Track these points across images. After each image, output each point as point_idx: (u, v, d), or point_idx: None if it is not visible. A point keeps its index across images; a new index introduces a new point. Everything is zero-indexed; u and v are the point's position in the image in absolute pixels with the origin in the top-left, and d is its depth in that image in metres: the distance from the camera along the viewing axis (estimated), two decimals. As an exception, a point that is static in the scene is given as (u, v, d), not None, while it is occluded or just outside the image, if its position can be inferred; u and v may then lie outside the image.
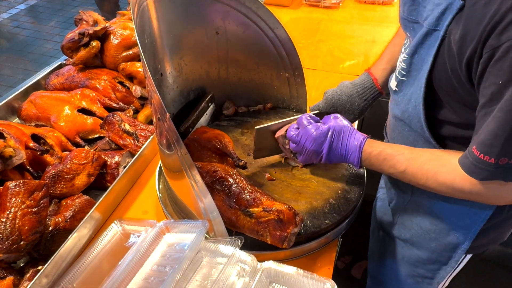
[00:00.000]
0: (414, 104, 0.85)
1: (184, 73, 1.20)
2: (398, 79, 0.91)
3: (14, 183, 0.90)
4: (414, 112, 0.86)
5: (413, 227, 1.07)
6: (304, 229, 0.94)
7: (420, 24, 0.80)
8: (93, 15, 1.59)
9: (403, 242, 1.12)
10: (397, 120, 0.96)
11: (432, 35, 0.76)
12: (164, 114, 0.80)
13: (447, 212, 0.98)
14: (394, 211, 1.13)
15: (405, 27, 0.87)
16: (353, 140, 0.91)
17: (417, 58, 0.82)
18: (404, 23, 0.87)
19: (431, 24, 0.75)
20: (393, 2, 2.30)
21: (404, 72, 0.87)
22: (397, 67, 0.92)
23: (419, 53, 0.81)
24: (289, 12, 2.23)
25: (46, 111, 1.34)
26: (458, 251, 1.01)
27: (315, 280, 0.82)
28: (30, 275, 0.89)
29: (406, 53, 0.85)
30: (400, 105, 0.91)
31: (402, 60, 0.88)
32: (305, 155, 0.97)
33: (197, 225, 0.86)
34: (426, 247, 1.06)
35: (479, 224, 0.95)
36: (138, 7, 0.89)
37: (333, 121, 0.95)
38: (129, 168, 1.14)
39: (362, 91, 1.10)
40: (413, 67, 0.84)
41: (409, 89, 0.87)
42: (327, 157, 0.94)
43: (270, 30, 1.16)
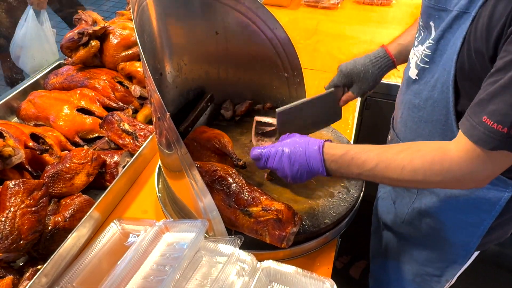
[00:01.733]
0: (440, 89, 0.84)
1: (184, 73, 1.20)
2: (419, 67, 0.90)
3: (14, 183, 0.90)
4: (441, 97, 0.85)
5: (421, 226, 1.06)
6: (303, 228, 0.94)
7: (448, 11, 0.80)
8: (92, 14, 1.59)
9: (411, 241, 1.12)
10: (414, 111, 0.94)
11: (462, 18, 0.76)
12: (164, 113, 0.80)
13: (456, 211, 0.97)
14: (400, 210, 1.12)
15: (429, 16, 0.86)
16: (311, 146, 0.84)
17: (443, 43, 0.82)
18: (429, 11, 0.86)
19: (462, 7, 0.75)
20: (392, 3, 2.31)
21: (428, 59, 0.87)
22: (416, 57, 0.91)
23: (446, 37, 0.80)
24: (288, 12, 2.24)
25: (45, 111, 1.34)
26: (467, 249, 1.02)
27: (314, 280, 0.82)
28: (30, 275, 0.89)
29: (431, 39, 0.84)
30: (422, 93, 0.90)
31: (425, 48, 0.87)
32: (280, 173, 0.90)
33: (197, 225, 0.86)
34: (435, 245, 1.06)
35: (488, 222, 0.95)
36: (138, 7, 0.89)
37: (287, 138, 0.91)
38: (129, 168, 1.14)
39: (376, 60, 1.10)
40: (438, 53, 0.84)
41: (433, 75, 0.86)
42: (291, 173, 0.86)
43: (270, 30, 1.17)
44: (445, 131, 0.88)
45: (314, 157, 0.83)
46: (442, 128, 0.89)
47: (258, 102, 1.34)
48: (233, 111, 1.31)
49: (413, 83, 0.93)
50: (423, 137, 0.94)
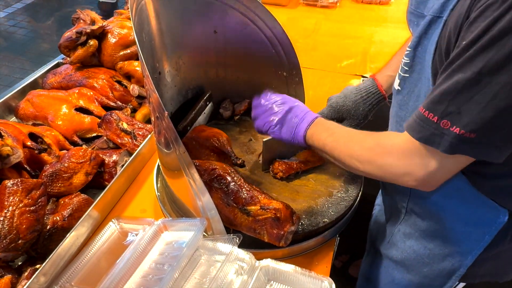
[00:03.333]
0: (423, 99, 0.77)
1: (182, 72, 1.20)
2: (400, 77, 0.86)
3: (12, 182, 0.90)
4: None
5: (405, 249, 1.00)
6: (301, 227, 0.94)
7: (424, 16, 0.77)
8: (90, 14, 1.59)
9: (394, 264, 1.06)
10: (401, 124, 0.87)
11: (435, 23, 0.72)
12: (162, 112, 0.80)
13: (443, 236, 0.91)
14: (388, 230, 1.07)
15: (410, 22, 0.84)
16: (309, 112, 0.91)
17: (420, 50, 0.78)
18: (410, 17, 0.84)
19: (436, 11, 0.72)
20: (390, 2, 2.31)
21: (407, 68, 0.82)
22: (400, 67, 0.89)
23: (423, 44, 0.77)
24: (287, 11, 2.24)
25: (43, 110, 1.33)
26: (452, 278, 0.95)
27: (313, 278, 0.82)
28: (28, 274, 0.89)
29: (409, 46, 0.80)
30: (408, 105, 0.85)
31: (404, 56, 0.83)
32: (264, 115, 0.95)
33: (195, 223, 0.86)
34: (418, 271, 0.99)
35: (478, 250, 0.88)
36: (137, 6, 0.89)
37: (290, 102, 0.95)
38: (127, 167, 1.14)
39: (367, 96, 1.08)
40: (417, 60, 0.80)
41: (416, 85, 0.82)
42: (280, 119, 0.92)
43: (268, 29, 1.16)
44: None
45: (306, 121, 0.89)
46: None
47: (257, 101, 1.34)
48: (232, 110, 1.31)
49: (397, 94, 0.89)
50: None
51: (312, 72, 1.69)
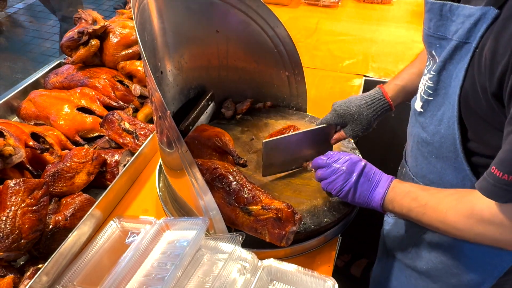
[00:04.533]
0: (447, 124, 0.78)
1: (184, 71, 1.20)
2: (423, 99, 0.84)
3: (14, 182, 0.90)
4: (448, 133, 0.79)
5: (431, 259, 0.98)
6: (304, 227, 0.94)
7: (448, 40, 0.75)
8: (92, 13, 1.59)
9: (417, 274, 1.03)
10: (423, 146, 0.88)
11: (462, 49, 0.71)
12: (164, 112, 0.80)
13: (471, 249, 0.89)
14: (409, 239, 1.04)
15: (430, 45, 0.81)
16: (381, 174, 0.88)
17: (445, 75, 0.77)
18: (429, 40, 0.81)
19: (461, 36, 0.71)
20: (392, 1, 2.31)
21: (431, 91, 0.81)
22: (421, 88, 0.87)
23: (447, 69, 0.76)
24: (288, 11, 2.24)
25: (45, 110, 1.33)
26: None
27: (315, 278, 0.82)
28: (31, 274, 0.89)
29: (433, 70, 0.79)
30: (429, 127, 0.84)
31: (428, 79, 0.82)
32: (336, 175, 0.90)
33: (197, 222, 0.86)
34: (445, 281, 0.97)
35: (507, 264, 0.88)
36: (139, 5, 0.88)
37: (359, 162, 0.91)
38: (129, 167, 1.14)
39: (371, 102, 1.06)
40: (441, 85, 0.78)
41: (439, 109, 0.80)
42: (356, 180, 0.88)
43: (270, 29, 1.16)
44: (457, 168, 0.82)
45: (381, 186, 0.86)
46: (454, 165, 0.82)
47: (259, 101, 1.34)
48: (234, 110, 1.31)
49: (419, 116, 0.88)
50: (435, 173, 0.88)
51: (313, 71, 1.69)
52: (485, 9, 0.66)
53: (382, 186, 0.85)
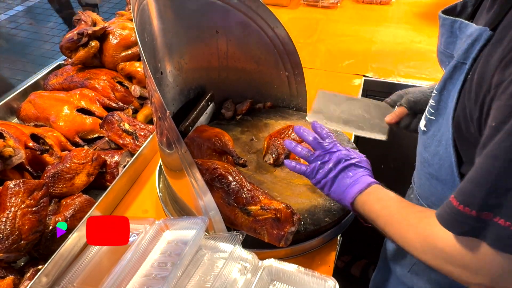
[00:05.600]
0: (445, 146, 0.75)
1: (184, 72, 1.20)
2: (427, 118, 0.81)
3: (14, 183, 0.90)
4: (445, 155, 0.76)
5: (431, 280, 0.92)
6: (304, 227, 0.94)
7: (453, 57, 0.72)
8: (91, 15, 1.59)
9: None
10: (425, 166, 0.85)
11: (460, 69, 0.68)
12: (164, 112, 0.80)
13: None
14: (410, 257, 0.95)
15: (441, 62, 0.78)
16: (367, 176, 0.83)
17: (445, 95, 0.74)
18: (441, 57, 0.78)
19: (460, 56, 0.68)
20: (391, 2, 2.31)
21: (433, 110, 0.78)
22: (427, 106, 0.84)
23: (447, 88, 0.73)
24: (288, 12, 2.24)
25: (45, 111, 1.33)
26: None
27: (316, 278, 0.82)
28: (31, 275, 0.89)
29: (435, 89, 0.76)
30: (430, 147, 0.81)
31: (431, 98, 0.79)
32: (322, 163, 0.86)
33: (197, 222, 0.86)
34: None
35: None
36: (138, 6, 0.89)
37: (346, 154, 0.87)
38: (129, 168, 1.13)
39: None
40: (442, 105, 0.75)
41: (439, 129, 0.77)
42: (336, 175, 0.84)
43: (270, 29, 1.16)
44: None
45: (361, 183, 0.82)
46: (452, 189, 0.77)
47: (259, 101, 1.34)
48: (234, 110, 1.31)
49: (423, 134, 0.84)
50: (436, 196, 0.84)
51: (313, 72, 1.69)
52: (482, 29, 0.64)
53: (359, 187, 0.81)
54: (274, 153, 1.10)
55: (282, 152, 1.11)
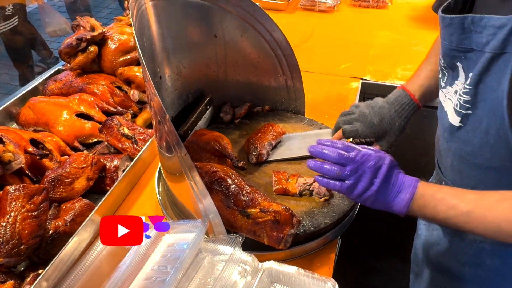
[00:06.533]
0: (496, 135, 0.75)
1: (183, 76, 1.21)
2: (461, 114, 0.80)
3: (14, 187, 0.90)
4: (499, 142, 0.76)
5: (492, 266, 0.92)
6: (303, 228, 0.94)
7: (477, 51, 0.74)
8: (90, 20, 1.60)
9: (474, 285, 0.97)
10: (469, 158, 0.85)
11: (499, 59, 0.70)
12: (164, 116, 0.81)
13: None
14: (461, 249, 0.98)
15: (453, 57, 0.79)
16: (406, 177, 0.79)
17: (482, 88, 0.74)
18: (452, 54, 0.79)
19: (496, 47, 0.70)
20: (387, 6, 2.33)
21: (469, 105, 0.78)
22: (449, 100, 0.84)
23: (485, 81, 0.73)
24: (285, 16, 2.25)
25: (44, 116, 1.34)
26: None
27: (316, 279, 0.82)
28: (31, 279, 0.88)
29: (468, 84, 0.77)
30: (474, 140, 0.80)
31: (461, 93, 0.79)
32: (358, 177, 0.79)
33: (197, 225, 0.86)
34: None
35: None
36: (137, 10, 0.89)
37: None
38: (128, 172, 1.14)
39: (401, 109, 1.01)
40: (479, 97, 0.76)
41: (481, 122, 0.77)
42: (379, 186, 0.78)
43: (268, 33, 1.18)
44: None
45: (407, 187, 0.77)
46: (509, 173, 0.80)
47: (257, 105, 1.35)
48: (232, 114, 1.32)
49: (457, 131, 0.83)
50: (487, 183, 0.83)
51: (311, 75, 1.70)
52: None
53: (406, 192, 0.77)
54: (254, 151, 1.12)
55: (262, 148, 1.13)
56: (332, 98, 1.57)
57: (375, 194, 0.78)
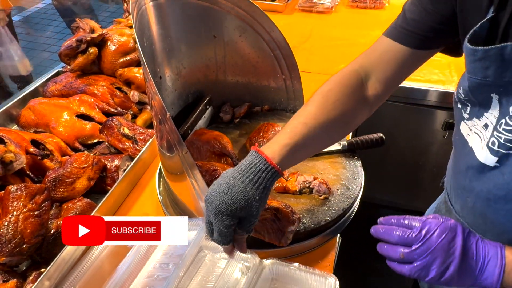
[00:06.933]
0: None
1: (183, 76, 1.22)
2: (500, 154, 0.70)
3: (16, 187, 0.91)
4: None
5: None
6: (303, 226, 0.95)
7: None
8: (89, 23, 1.61)
9: None
10: (500, 203, 0.74)
11: None
12: (165, 114, 0.81)
13: None
14: None
15: (485, 91, 0.69)
16: (487, 244, 0.66)
17: None
18: (485, 88, 0.68)
19: None
20: (385, 6, 2.35)
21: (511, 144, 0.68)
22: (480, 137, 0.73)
23: None
24: (283, 18, 2.27)
25: (45, 117, 1.34)
26: None
27: (317, 276, 0.83)
28: (33, 278, 0.89)
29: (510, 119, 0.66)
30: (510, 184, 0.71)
31: (503, 130, 0.68)
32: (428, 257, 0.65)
33: (197, 223, 0.87)
34: None
35: None
36: (137, 11, 0.90)
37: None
38: (129, 171, 1.14)
39: (257, 179, 0.73)
40: None
41: None
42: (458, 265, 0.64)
43: (266, 33, 1.19)
44: None
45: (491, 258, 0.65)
46: None
47: (257, 104, 1.36)
48: (232, 114, 1.32)
49: (490, 171, 0.73)
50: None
51: (310, 76, 1.71)
52: None
53: (494, 264, 0.65)
54: None
55: None
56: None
57: (457, 274, 0.65)
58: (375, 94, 0.86)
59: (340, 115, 0.82)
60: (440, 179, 1.03)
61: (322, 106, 0.81)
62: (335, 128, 0.83)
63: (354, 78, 0.86)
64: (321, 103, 0.82)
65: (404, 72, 0.85)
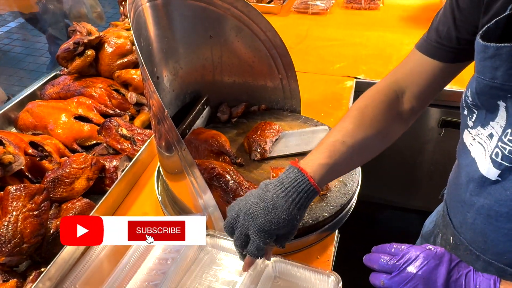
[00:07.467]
0: None
1: (180, 77, 1.23)
2: (503, 166, 0.66)
3: (15, 187, 0.92)
4: None
5: None
6: (302, 222, 0.95)
7: None
8: (86, 26, 1.61)
9: None
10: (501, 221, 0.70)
11: None
12: (163, 112, 0.82)
13: None
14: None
15: (493, 96, 0.65)
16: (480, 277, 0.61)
17: None
18: (491, 92, 0.65)
19: None
20: (379, 7, 2.37)
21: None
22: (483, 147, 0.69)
23: None
24: (278, 19, 2.28)
25: (43, 120, 1.35)
26: None
27: (319, 274, 0.84)
28: (33, 278, 0.89)
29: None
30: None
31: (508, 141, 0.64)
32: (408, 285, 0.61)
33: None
34: None
35: None
36: (134, 11, 0.91)
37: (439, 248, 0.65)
38: (128, 172, 1.15)
39: (298, 198, 0.73)
40: None
41: None
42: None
43: (262, 33, 1.20)
44: None
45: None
46: None
47: (254, 104, 1.37)
48: (229, 113, 1.33)
49: (491, 185, 0.69)
50: None
51: (306, 75, 1.72)
52: None
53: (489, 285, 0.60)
54: (258, 148, 1.13)
55: (265, 145, 1.14)
56: (328, 96, 1.59)
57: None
58: (410, 109, 0.84)
59: (377, 132, 0.80)
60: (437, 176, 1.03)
61: (359, 123, 0.80)
62: (371, 145, 0.82)
63: (389, 94, 0.83)
64: (358, 119, 0.80)
65: (438, 85, 0.83)
